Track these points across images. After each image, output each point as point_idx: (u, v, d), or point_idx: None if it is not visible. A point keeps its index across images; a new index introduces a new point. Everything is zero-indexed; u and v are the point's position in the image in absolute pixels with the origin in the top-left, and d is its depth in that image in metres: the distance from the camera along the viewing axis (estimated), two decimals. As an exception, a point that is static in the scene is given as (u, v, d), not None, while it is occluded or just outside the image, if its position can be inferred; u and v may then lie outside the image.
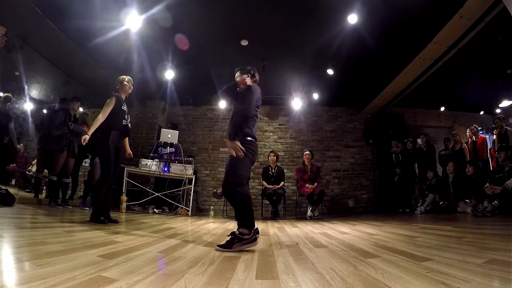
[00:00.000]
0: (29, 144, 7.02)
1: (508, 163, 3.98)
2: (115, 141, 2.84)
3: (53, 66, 5.12)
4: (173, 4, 3.53)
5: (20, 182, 6.18)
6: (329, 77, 5.07)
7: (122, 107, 2.92)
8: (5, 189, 3.10)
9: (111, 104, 2.81)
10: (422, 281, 0.96)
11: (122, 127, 2.91)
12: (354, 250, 1.62)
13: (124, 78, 3.04)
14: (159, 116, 6.64)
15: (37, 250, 1.26)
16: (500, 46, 4.39)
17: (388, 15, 3.66)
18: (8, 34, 2.97)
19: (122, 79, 3.03)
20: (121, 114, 2.90)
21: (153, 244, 1.70)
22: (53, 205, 3.84)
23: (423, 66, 4.55)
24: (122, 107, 2.92)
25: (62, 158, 3.99)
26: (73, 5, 3.52)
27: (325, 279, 1.03)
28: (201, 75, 5.51)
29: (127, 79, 3.05)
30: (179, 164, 4.89)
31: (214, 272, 1.11)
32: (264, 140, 6.73)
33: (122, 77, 3.05)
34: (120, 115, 2.89)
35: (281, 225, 3.62)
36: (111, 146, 2.76)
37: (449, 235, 2.11)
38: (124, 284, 0.88)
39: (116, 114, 2.84)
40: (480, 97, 6.52)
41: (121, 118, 2.90)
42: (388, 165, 6.13)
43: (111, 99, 2.86)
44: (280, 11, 3.79)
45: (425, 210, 4.94)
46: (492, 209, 3.61)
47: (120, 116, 2.88)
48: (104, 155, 2.75)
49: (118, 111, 2.86)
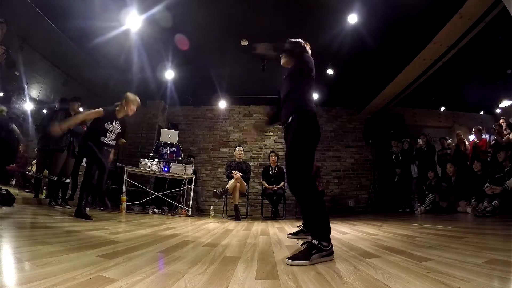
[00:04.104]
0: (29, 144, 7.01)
1: (508, 163, 3.98)
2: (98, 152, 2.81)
3: (53, 66, 5.12)
4: (173, 4, 3.53)
5: (20, 182, 6.17)
6: (329, 77, 5.07)
7: (106, 125, 2.78)
8: (5, 189, 3.10)
9: (94, 113, 2.72)
10: (422, 281, 0.96)
11: (100, 143, 2.80)
12: (354, 250, 1.62)
13: (133, 100, 2.90)
14: (159, 116, 6.65)
15: (37, 250, 1.25)
16: (500, 46, 4.39)
17: (388, 15, 3.67)
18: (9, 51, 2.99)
19: (130, 100, 2.88)
20: (102, 131, 2.78)
21: (153, 244, 1.70)
22: (53, 205, 3.84)
23: (423, 66, 4.55)
24: (106, 125, 2.78)
25: (62, 158, 3.99)
26: (73, 5, 3.53)
27: (325, 279, 1.03)
28: (201, 75, 5.52)
29: (137, 103, 2.91)
30: (179, 164, 4.89)
31: (214, 272, 1.11)
32: (264, 140, 6.73)
33: (131, 98, 2.90)
34: (100, 132, 2.77)
35: (281, 225, 3.62)
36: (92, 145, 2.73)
37: (449, 235, 2.11)
38: (124, 284, 0.88)
39: (95, 130, 2.75)
40: (480, 97, 6.51)
41: (101, 135, 2.79)
42: (388, 165, 6.13)
43: (99, 110, 2.73)
44: (280, 11, 3.79)
45: (425, 210, 4.94)
46: (492, 209, 3.61)
47: (99, 133, 2.78)
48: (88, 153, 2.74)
49: (98, 127, 2.75)
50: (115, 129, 2.89)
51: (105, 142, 2.84)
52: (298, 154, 1.55)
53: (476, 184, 4.26)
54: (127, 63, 4.76)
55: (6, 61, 3.01)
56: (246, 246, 1.83)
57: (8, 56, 3.01)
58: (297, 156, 1.55)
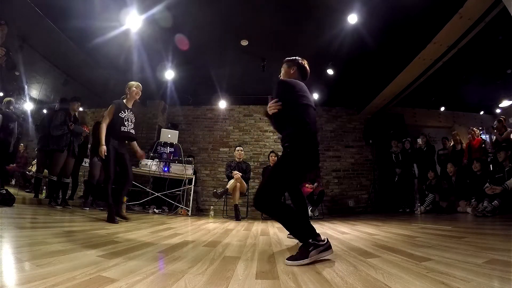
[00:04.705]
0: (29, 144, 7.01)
1: (508, 163, 3.98)
2: (117, 146, 2.92)
3: (53, 66, 5.12)
4: (173, 4, 3.53)
5: (20, 182, 6.18)
6: (329, 77, 5.06)
7: (121, 114, 2.97)
8: (5, 189, 3.10)
9: (109, 113, 2.92)
10: (422, 281, 0.96)
11: (122, 133, 2.96)
12: (354, 250, 1.62)
13: (133, 84, 3.12)
14: (159, 116, 6.64)
15: (37, 250, 1.25)
16: (500, 46, 4.39)
17: (388, 15, 3.66)
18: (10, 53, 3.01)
19: (131, 85, 3.12)
20: (119, 121, 2.95)
21: (153, 244, 1.70)
22: (53, 205, 3.84)
23: (423, 66, 4.55)
24: (121, 114, 2.97)
25: (62, 158, 3.99)
26: (73, 5, 3.52)
27: (325, 279, 1.03)
28: (201, 75, 5.51)
29: (136, 85, 3.12)
30: (179, 164, 4.89)
31: (214, 272, 1.11)
32: (264, 140, 6.73)
33: (131, 83, 3.13)
34: (118, 122, 2.94)
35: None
36: (111, 151, 2.84)
37: (449, 235, 2.11)
38: (124, 284, 0.88)
39: (114, 122, 2.92)
40: (480, 97, 6.52)
41: (120, 125, 2.95)
42: (388, 165, 6.13)
43: (110, 107, 2.95)
44: (280, 11, 3.79)
45: (425, 210, 4.94)
46: (492, 209, 3.61)
47: (118, 124, 2.94)
48: (103, 159, 2.84)
49: (116, 119, 2.93)
50: (130, 117, 3.06)
51: (126, 131, 2.99)
52: (276, 180, 1.56)
53: (476, 184, 4.26)
54: (127, 63, 4.75)
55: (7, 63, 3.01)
56: (246, 246, 1.83)
57: (8, 57, 3.01)
58: (274, 181, 1.55)
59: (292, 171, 1.57)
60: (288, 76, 1.89)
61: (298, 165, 1.57)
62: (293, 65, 1.90)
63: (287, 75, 1.90)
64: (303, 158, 1.57)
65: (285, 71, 1.92)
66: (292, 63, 1.91)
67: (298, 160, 1.56)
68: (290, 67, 1.90)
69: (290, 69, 1.90)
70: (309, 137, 1.62)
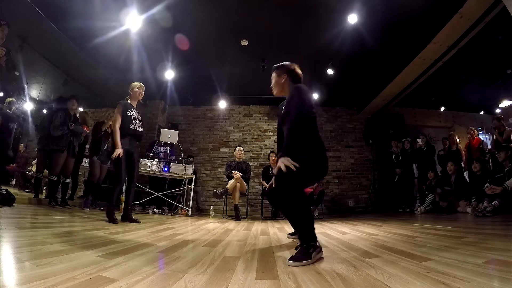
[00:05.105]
0: (29, 144, 7.01)
1: (508, 163, 3.98)
2: (127, 145, 2.98)
3: (53, 66, 5.12)
4: (173, 4, 3.53)
5: (20, 182, 6.18)
6: (329, 77, 5.07)
7: (128, 113, 3.05)
8: (5, 189, 3.10)
9: (118, 113, 2.99)
10: (422, 281, 0.95)
11: (131, 131, 3.03)
12: (354, 250, 1.62)
13: (136, 84, 3.21)
14: (159, 116, 6.65)
15: (37, 250, 1.25)
16: (500, 46, 4.39)
17: (388, 15, 3.66)
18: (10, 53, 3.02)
19: (134, 85, 3.20)
20: (128, 119, 3.03)
21: (153, 244, 1.70)
22: (53, 205, 3.84)
23: (423, 66, 4.55)
24: (128, 113, 3.05)
25: (62, 158, 3.99)
26: (73, 5, 3.53)
27: (325, 279, 1.03)
28: (201, 75, 5.51)
29: (138, 86, 3.21)
30: (179, 164, 4.89)
31: (214, 272, 1.11)
32: (264, 140, 6.73)
33: (134, 84, 3.22)
34: (127, 121, 3.02)
35: (281, 225, 3.62)
36: (123, 153, 2.89)
37: (449, 235, 2.11)
38: (124, 284, 0.88)
39: (123, 122, 2.99)
40: (480, 97, 6.52)
41: (128, 123, 3.03)
42: (388, 165, 6.13)
43: (117, 107, 3.03)
44: (280, 11, 3.79)
45: (425, 210, 4.94)
46: (492, 209, 3.61)
47: (127, 123, 3.02)
48: (115, 161, 2.89)
49: (124, 118, 3.01)
50: (137, 116, 3.14)
51: (135, 129, 3.06)
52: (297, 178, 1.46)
53: (476, 184, 4.26)
54: (127, 63, 4.76)
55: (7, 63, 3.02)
56: (246, 246, 1.83)
57: (9, 58, 3.02)
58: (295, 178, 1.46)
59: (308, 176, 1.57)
60: (280, 86, 1.78)
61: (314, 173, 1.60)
62: (283, 73, 1.77)
63: (278, 85, 1.79)
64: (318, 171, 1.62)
65: (276, 81, 1.80)
66: (281, 71, 1.78)
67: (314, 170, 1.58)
68: (280, 75, 1.77)
69: (280, 78, 1.77)
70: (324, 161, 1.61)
